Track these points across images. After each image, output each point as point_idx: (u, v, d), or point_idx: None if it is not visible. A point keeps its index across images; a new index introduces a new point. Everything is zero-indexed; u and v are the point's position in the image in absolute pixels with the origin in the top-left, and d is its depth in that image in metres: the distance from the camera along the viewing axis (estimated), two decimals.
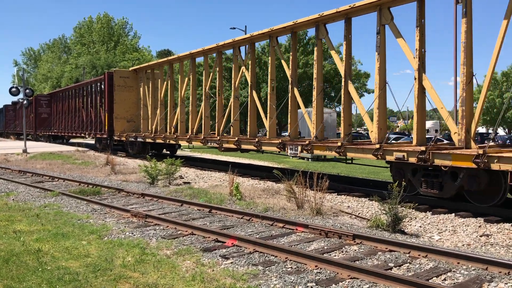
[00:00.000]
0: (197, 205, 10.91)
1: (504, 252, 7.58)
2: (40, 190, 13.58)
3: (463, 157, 9.73)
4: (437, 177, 10.66)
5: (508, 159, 9.04)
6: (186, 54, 20.85)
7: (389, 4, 11.81)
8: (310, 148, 13.51)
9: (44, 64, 77.48)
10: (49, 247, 7.38)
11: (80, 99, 32.28)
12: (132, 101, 25.83)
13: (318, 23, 13.73)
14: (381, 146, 11.50)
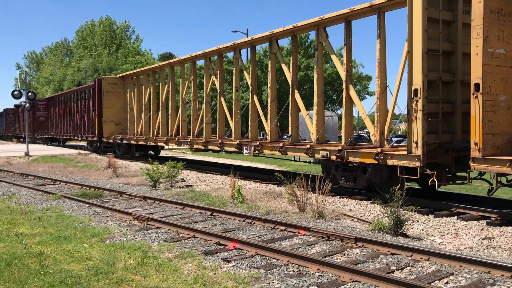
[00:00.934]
0: (199, 208, 10.91)
1: (506, 255, 7.55)
2: (42, 193, 13.59)
3: (367, 154, 11.78)
4: (352, 171, 12.69)
5: (398, 156, 11.03)
6: (164, 63, 23.32)
7: (324, 24, 13.79)
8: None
9: (47, 67, 77.68)
10: (51, 250, 7.39)
11: (75, 104, 33.71)
12: (120, 106, 27.56)
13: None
14: (311, 146, 13.53)
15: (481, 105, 9.25)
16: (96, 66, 59.30)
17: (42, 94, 65.94)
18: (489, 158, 9.19)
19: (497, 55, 9.44)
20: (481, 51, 9.24)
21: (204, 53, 19.35)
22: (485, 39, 9.26)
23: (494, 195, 11.08)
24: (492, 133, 9.43)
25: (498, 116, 9.51)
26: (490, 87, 9.33)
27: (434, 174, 10.19)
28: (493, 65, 9.41)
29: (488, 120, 9.36)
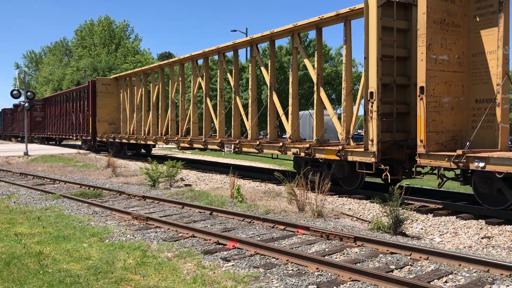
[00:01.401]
0: (198, 208, 10.92)
1: (505, 254, 7.56)
2: (41, 193, 13.59)
3: (331, 151, 12.72)
4: (319, 167, 13.49)
5: (357, 152, 11.96)
6: (155, 65, 24.46)
7: (298, 30, 14.73)
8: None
9: (46, 66, 77.61)
10: (50, 249, 7.38)
11: (70, 104, 34.63)
12: (113, 106, 28.46)
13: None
14: (284, 143, 14.59)
15: (425, 106, 10.25)
16: (95, 66, 59.24)
17: (41, 94, 65.89)
18: (432, 154, 10.21)
19: (441, 61, 10.46)
20: (425, 57, 10.23)
21: (191, 56, 20.23)
22: (428, 47, 10.26)
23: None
24: (436, 131, 10.46)
25: (442, 116, 10.53)
26: (433, 90, 10.36)
27: (387, 169, 11.19)
28: (436, 70, 10.41)
29: (432, 120, 10.35)
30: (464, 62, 10.88)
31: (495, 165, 9.10)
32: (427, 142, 10.27)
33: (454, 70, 10.70)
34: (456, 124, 10.80)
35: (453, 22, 10.68)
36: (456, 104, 10.81)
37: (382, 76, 11.49)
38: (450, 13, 10.63)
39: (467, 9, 10.89)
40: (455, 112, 10.79)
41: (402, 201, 8.87)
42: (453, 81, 10.69)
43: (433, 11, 10.33)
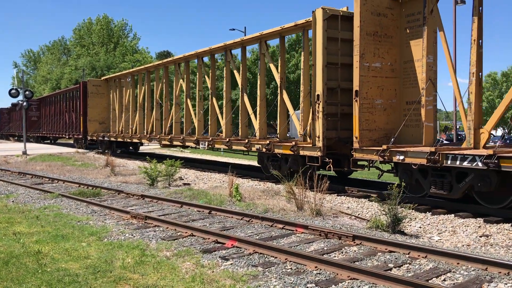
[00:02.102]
0: (197, 207, 10.92)
1: (503, 252, 7.58)
2: (40, 192, 13.58)
3: (286, 147, 14.10)
4: (278, 161, 14.97)
5: (306, 147, 13.42)
6: (141, 68, 25.86)
7: (265, 38, 16.01)
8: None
9: (44, 65, 77.48)
10: (49, 248, 7.38)
11: (64, 104, 35.85)
12: (104, 106, 29.67)
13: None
14: (249, 140, 15.83)
15: (359, 107, 11.76)
16: (93, 65, 59.15)
17: (39, 93, 65.79)
18: (365, 149, 11.74)
19: (374, 68, 11.92)
20: (358, 65, 11.73)
21: (174, 59, 22.11)
22: (361, 56, 11.74)
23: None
24: (369, 129, 11.96)
25: (375, 116, 12.02)
26: (366, 93, 11.84)
27: (331, 162, 12.77)
28: (369, 76, 11.88)
29: (365, 119, 11.86)
30: (396, 69, 12.34)
31: (412, 158, 10.58)
32: (361, 138, 11.81)
33: (386, 76, 12.18)
34: (389, 123, 12.23)
35: (386, 34, 12.17)
36: (389, 106, 12.26)
37: (328, 81, 13.01)
38: (383, 26, 12.08)
39: (399, 22, 12.30)
40: (388, 112, 12.24)
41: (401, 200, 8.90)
42: (386, 85, 12.16)
43: (366, 25, 11.80)
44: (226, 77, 18.14)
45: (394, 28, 12.27)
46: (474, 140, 10.37)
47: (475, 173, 9.66)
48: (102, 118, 29.64)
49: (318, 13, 13.00)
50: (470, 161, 9.47)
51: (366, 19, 11.79)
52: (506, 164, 8.89)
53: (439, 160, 9.94)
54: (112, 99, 28.65)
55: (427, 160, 10.13)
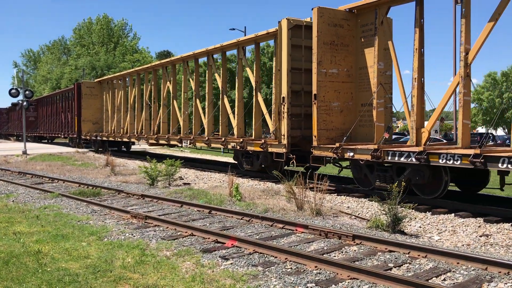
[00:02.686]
0: (197, 206, 10.92)
1: (503, 252, 7.58)
2: (40, 192, 13.58)
3: (257, 144, 15.30)
4: (250, 157, 16.37)
5: (274, 145, 14.69)
6: (132, 71, 27.46)
7: (242, 44, 17.15)
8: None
9: (44, 65, 77.37)
10: (49, 248, 7.38)
11: (60, 105, 37.00)
12: (97, 107, 30.99)
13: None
14: (225, 138, 17.06)
15: (317, 109, 12.88)
16: (93, 64, 59.09)
17: (39, 93, 65.74)
18: (321, 146, 12.87)
19: (330, 74, 13.02)
20: (316, 71, 12.80)
21: (161, 63, 23.44)
22: (319, 63, 12.82)
23: None
24: (326, 129, 13.09)
25: (332, 117, 13.13)
26: (324, 96, 12.95)
27: (294, 157, 14.05)
28: (326, 81, 12.95)
29: (322, 120, 12.98)
30: (352, 74, 13.40)
31: (360, 154, 11.82)
32: (319, 137, 12.96)
33: (343, 81, 13.28)
34: (345, 123, 13.29)
35: (342, 43, 13.22)
36: (346, 108, 13.35)
37: (292, 84, 14.26)
38: (340, 36, 13.15)
39: (355, 32, 13.37)
40: (344, 114, 13.33)
41: (402, 199, 8.91)
42: (343, 89, 13.27)
43: (323, 35, 12.84)
44: (208, 80, 19.19)
45: (350, 38, 13.35)
46: (416, 138, 11.40)
47: (411, 168, 10.97)
48: (95, 119, 30.95)
49: (283, 23, 14.24)
50: (406, 157, 10.76)
51: (323, 30, 12.85)
52: (434, 159, 10.21)
53: (381, 156, 11.21)
54: (105, 100, 29.93)
55: (371, 156, 11.40)
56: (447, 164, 9.99)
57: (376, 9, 12.47)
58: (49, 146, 38.15)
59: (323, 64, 12.90)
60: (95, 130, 30.57)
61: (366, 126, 13.05)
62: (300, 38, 14.33)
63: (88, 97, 30.72)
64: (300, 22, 14.39)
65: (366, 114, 12.96)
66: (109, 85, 29.58)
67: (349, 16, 13.32)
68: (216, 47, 18.25)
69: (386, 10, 12.47)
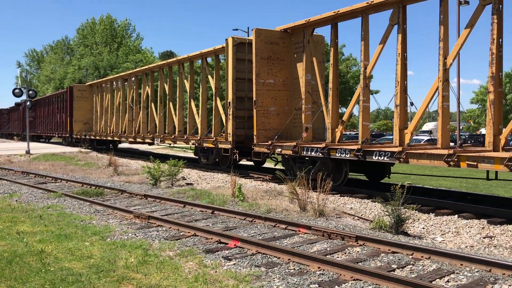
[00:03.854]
0: (200, 206, 10.92)
1: (507, 253, 7.55)
2: (43, 191, 13.61)
3: (209, 141, 18.28)
4: (206, 153, 19.29)
5: (222, 142, 17.50)
6: (117, 76, 30.28)
7: (205, 55, 19.79)
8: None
9: (47, 65, 77.47)
10: (52, 248, 7.39)
11: (56, 106, 39.46)
12: (88, 109, 33.65)
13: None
14: (187, 137, 20.21)
15: (256, 113, 15.52)
16: (97, 65, 59.19)
17: (43, 92, 65.83)
18: (259, 144, 15.49)
19: (268, 84, 15.62)
20: (255, 81, 15.46)
21: (142, 69, 26.54)
22: (257, 75, 15.43)
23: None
24: (264, 129, 15.65)
25: (269, 119, 15.72)
26: (262, 102, 15.55)
27: (237, 153, 16.69)
28: (264, 90, 15.54)
29: (261, 122, 15.59)
30: (288, 84, 15.94)
31: (285, 150, 14.43)
32: (258, 136, 15.56)
33: (279, 89, 15.86)
34: (281, 124, 15.72)
35: (278, 58, 15.73)
36: (282, 112, 15.90)
37: (237, 91, 16.91)
38: (276, 52, 15.68)
39: (289, 48, 15.86)
40: (281, 116, 15.85)
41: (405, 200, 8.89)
42: (279, 96, 15.86)
43: (261, 51, 15.39)
44: (179, 86, 21.88)
45: (286, 53, 15.84)
46: (331, 136, 13.68)
47: (320, 160, 13.45)
48: (86, 119, 33.67)
49: (229, 41, 16.89)
50: (315, 151, 13.33)
51: (260, 47, 15.39)
52: (333, 153, 12.80)
53: (298, 151, 13.85)
54: (95, 102, 32.58)
55: (292, 151, 14.04)
56: (341, 157, 12.59)
57: (304, 30, 14.78)
58: (51, 145, 38.28)
59: (261, 76, 15.46)
60: (86, 129, 33.27)
61: (298, 127, 15.38)
62: (244, 53, 16.78)
63: (80, 99, 33.43)
64: (243, 40, 17.10)
65: (298, 117, 15.25)
66: (99, 88, 32.14)
67: (284, 35, 15.83)
68: (184, 57, 21.41)
69: (311, 31, 14.75)
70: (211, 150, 18.72)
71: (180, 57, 21.87)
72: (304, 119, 14.65)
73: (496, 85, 10.17)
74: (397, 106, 11.80)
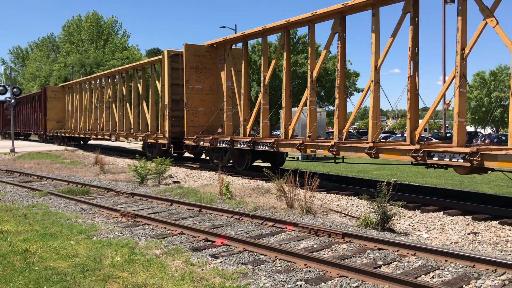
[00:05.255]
0: (187, 205, 10.88)
1: (491, 249, 7.65)
2: (28, 190, 13.45)
3: (152, 138, 21.22)
4: (151, 147, 21.72)
5: (161, 137, 20.49)
6: (85, 78, 33.02)
7: (153, 62, 22.76)
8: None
9: (32, 62, 76.58)
10: (37, 247, 7.31)
11: (33, 105, 41.39)
12: (60, 108, 36.18)
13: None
14: (136, 134, 23.26)
15: (186, 113, 18.79)
16: (83, 62, 58.59)
17: (28, 90, 65.07)
18: (189, 138, 18.69)
19: (196, 89, 18.92)
20: (185, 86, 18.73)
21: (104, 73, 29.51)
22: (187, 81, 18.72)
23: None
24: (193, 126, 18.81)
25: (198, 118, 18.94)
26: (191, 104, 18.83)
27: (173, 147, 19.80)
28: (193, 94, 18.83)
29: (190, 120, 18.83)
30: (214, 89, 19.17)
31: (206, 143, 17.74)
32: (187, 132, 18.81)
33: (207, 93, 19.11)
34: (208, 122, 18.87)
35: (206, 67, 18.98)
36: (209, 111, 19.11)
37: (172, 95, 20.03)
38: (203, 62, 18.93)
39: (215, 59, 19.04)
40: (208, 116, 19.01)
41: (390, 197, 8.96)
42: (207, 99, 19.13)
43: (189, 62, 18.67)
44: (134, 89, 24.42)
45: (212, 64, 19.07)
46: (243, 130, 16.79)
47: (229, 150, 17.04)
48: (59, 118, 36.23)
49: (165, 53, 20.12)
50: (225, 143, 16.65)
51: (189, 59, 18.69)
52: (236, 144, 16.12)
53: (214, 143, 17.21)
54: (67, 103, 35.38)
55: (210, 143, 17.45)
56: (241, 147, 15.95)
57: (224, 46, 17.99)
58: (35, 144, 37.88)
59: (190, 82, 18.72)
60: (58, 127, 35.92)
61: (221, 123, 18.43)
62: (178, 63, 19.75)
63: (53, 99, 36.00)
64: (177, 52, 19.94)
65: (222, 116, 18.21)
66: (70, 89, 34.97)
67: (211, 49, 19.05)
68: (138, 64, 24.86)
69: (230, 46, 17.98)
70: (154, 145, 21.43)
71: (134, 63, 25.11)
72: (226, 118, 17.75)
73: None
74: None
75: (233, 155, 16.93)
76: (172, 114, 19.93)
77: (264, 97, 15.74)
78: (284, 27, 15.15)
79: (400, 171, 18.89)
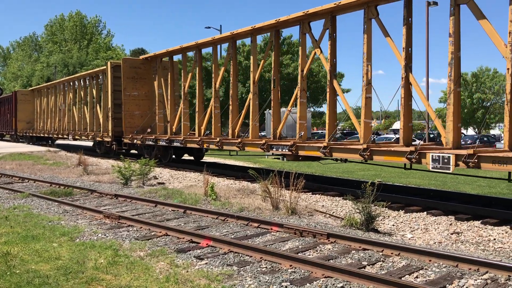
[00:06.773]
0: (172, 206, 10.81)
1: (473, 249, 7.75)
2: (9, 192, 13.23)
3: (99, 136, 24.30)
4: (99, 144, 25.42)
5: (106, 136, 23.51)
6: (50, 83, 35.75)
7: (104, 71, 25.02)
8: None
9: (14, 62, 75.50)
10: (18, 250, 7.19)
11: (6, 107, 43.58)
12: (30, 110, 38.80)
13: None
14: (87, 133, 26.58)
15: (124, 116, 21.86)
16: (66, 62, 57.98)
17: (9, 90, 64.07)
18: (126, 137, 21.82)
19: (133, 95, 22.02)
20: (123, 93, 21.72)
21: (66, 79, 32.40)
22: (124, 89, 21.75)
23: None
24: (131, 126, 21.92)
25: (134, 120, 22.03)
26: (128, 108, 21.94)
27: (115, 144, 22.75)
28: (130, 99, 21.95)
29: (128, 122, 21.94)
30: (149, 95, 22.17)
31: (138, 140, 20.85)
32: (125, 131, 21.90)
33: (142, 99, 22.24)
34: (145, 123, 21.82)
35: (141, 77, 22.16)
36: (145, 114, 22.00)
37: (115, 100, 22.70)
38: (138, 73, 22.15)
39: (149, 70, 22.13)
40: (143, 118, 21.98)
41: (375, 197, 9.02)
42: (142, 104, 22.24)
43: (126, 73, 21.85)
44: (89, 93, 27.22)
45: (147, 74, 22.19)
46: (170, 129, 19.80)
47: (156, 147, 20.10)
48: (28, 119, 38.83)
49: (108, 64, 23.27)
50: (152, 141, 19.85)
51: (126, 70, 21.88)
52: (159, 142, 19.61)
53: (144, 141, 20.37)
54: (36, 105, 37.91)
55: (140, 141, 20.58)
56: (158, 144, 19.61)
57: (156, 59, 21.08)
58: (17, 144, 37.30)
59: (127, 89, 21.84)
60: (28, 128, 38.53)
61: (157, 125, 20.92)
62: (119, 72, 22.26)
63: (23, 102, 38.73)
64: (119, 63, 22.85)
65: (155, 118, 21.02)
66: (39, 93, 37.36)
67: (145, 62, 22.33)
68: (92, 71, 27.59)
69: (160, 60, 20.98)
70: (101, 143, 24.54)
71: (90, 71, 28.51)
72: (157, 119, 20.82)
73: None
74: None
75: (159, 150, 20.09)
76: (114, 116, 22.69)
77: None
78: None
79: (385, 172, 19.05)
